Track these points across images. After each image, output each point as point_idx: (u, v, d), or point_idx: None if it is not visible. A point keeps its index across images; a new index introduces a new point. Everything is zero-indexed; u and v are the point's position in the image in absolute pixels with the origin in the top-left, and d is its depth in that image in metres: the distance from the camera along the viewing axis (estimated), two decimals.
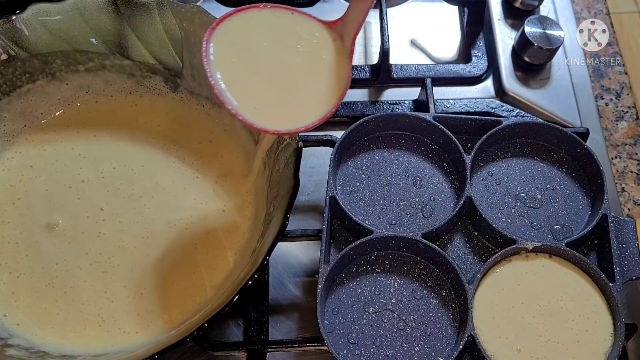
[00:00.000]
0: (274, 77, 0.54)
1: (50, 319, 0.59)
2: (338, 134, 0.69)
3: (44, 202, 0.64)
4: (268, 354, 0.62)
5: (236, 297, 0.50)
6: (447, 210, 0.64)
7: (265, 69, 0.54)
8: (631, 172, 0.74)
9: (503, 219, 0.64)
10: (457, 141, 0.65)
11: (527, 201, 0.65)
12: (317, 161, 0.73)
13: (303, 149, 0.56)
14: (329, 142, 0.69)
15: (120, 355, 0.54)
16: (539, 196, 0.66)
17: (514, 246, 0.60)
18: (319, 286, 0.57)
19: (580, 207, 0.65)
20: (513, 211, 0.65)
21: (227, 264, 0.62)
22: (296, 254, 0.68)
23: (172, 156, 0.67)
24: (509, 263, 0.60)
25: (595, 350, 0.56)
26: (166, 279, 0.61)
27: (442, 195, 0.65)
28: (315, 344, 0.61)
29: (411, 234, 0.60)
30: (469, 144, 0.67)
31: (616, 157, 0.71)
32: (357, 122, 0.66)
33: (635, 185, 0.73)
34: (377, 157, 0.67)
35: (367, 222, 0.62)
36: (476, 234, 0.64)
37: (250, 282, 0.50)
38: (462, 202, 0.62)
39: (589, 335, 0.57)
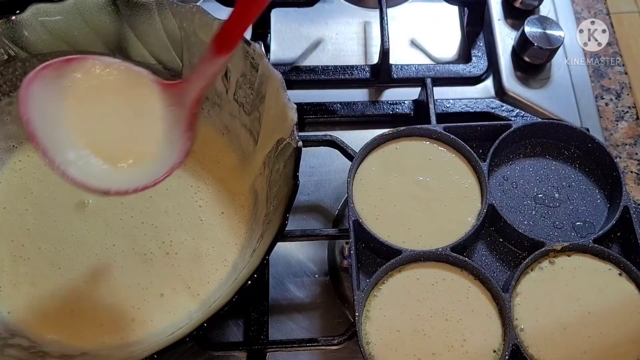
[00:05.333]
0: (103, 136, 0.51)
1: (51, 317, 0.59)
2: (338, 134, 0.69)
3: (42, 215, 0.64)
4: (268, 354, 0.62)
5: (236, 297, 0.50)
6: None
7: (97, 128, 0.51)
8: (631, 172, 0.74)
9: (525, 222, 0.64)
10: (471, 150, 0.65)
11: (546, 201, 0.66)
12: (317, 161, 0.73)
13: (303, 149, 0.56)
14: (329, 142, 0.69)
15: (120, 354, 0.54)
16: (556, 195, 0.66)
17: (542, 249, 0.60)
18: (356, 313, 0.57)
19: (598, 201, 0.66)
20: (534, 213, 0.65)
21: (227, 264, 0.62)
22: (296, 254, 0.68)
23: None
24: (539, 266, 0.61)
25: (636, 339, 0.57)
26: (166, 279, 0.61)
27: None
28: (315, 344, 0.61)
29: (440, 249, 0.60)
30: (480, 150, 0.67)
31: (616, 157, 0.71)
32: (369, 141, 0.66)
33: (635, 185, 0.73)
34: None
35: (391, 240, 0.61)
36: (501, 240, 0.64)
37: (250, 282, 0.50)
38: (484, 210, 0.62)
39: (627, 326, 0.57)
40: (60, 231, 0.63)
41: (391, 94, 0.79)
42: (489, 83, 0.80)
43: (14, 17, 0.61)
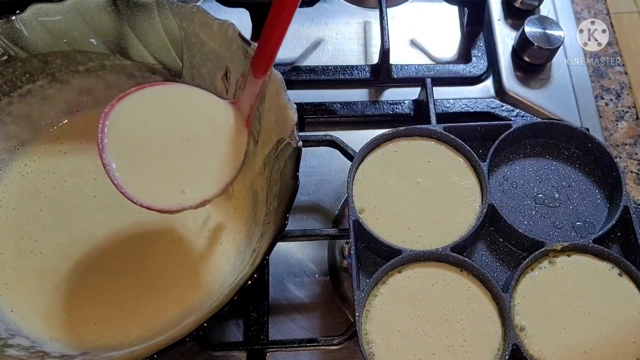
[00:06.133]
0: (166, 155, 0.57)
1: (52, 315, 0.59)
2: (338, 134, 0.70)
3: (49, 217, 0.64)
4: (268, 354, 0.62)
5: (236, 297, 0.50)
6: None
7: (158, 146, 0.57)
8: (631, 172, 0.74)
9: (525, 222, 0.64)
10: (471, 150, 0.65)
11: (546, 201, 0.66)
12: (317, 161, 0.73)
13: (303, 149, 0.56)
14: (329, 142, 0.69)
15: (121, 354, 0.54)
16: (556, 195, 0.66)
17: (542, 249, 0.60)
18: (356, 313, 0.57)
19: (598, 201, 0.66)
20: (534, 213, 0.65)
21: (227, 264, 0.62)
22: (296, 254, 0.68)
23: None
24: (539, 266, 0.61)
25: (636, 339, 0.57)
26: (167, 280, 0.61)
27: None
28: (315, 344, 0.61)
29: (440, 249, 0.60)
30: (480, 150, 0.67)
31: (616, 157, 0.71)
32: (369, 141, 0.66)
33: (635, 185, 0.73)
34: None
35: (392, 240, 0.61)
36: (501, 240, 0.64)
37: (250, 282, 0.50)
38: (484, 210, 0.62)
39: (627, 326, 0.57)
40: (78, 229, 0.63)
41: (391, 94, 0.79)
42: (489, 83, 0.80)
43: (14, 17, 0.61)
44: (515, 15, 0.83)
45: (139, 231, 0.63)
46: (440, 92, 0.77)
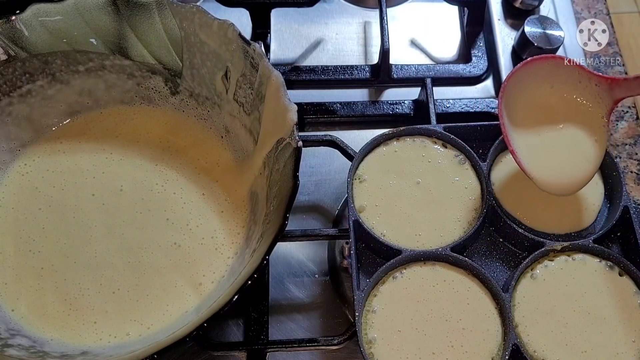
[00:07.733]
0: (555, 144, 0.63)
1: (52, 314, 0.59)
2: (338, 134, 0.70)
3: (48, 216, 0.64)
4: (268, 354, 0.62)
5: (236, 296, 0.50)
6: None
7: (547, 137, 0.63)
8: (631, 172, 0.74)
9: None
10: (471, 150, 0.65)
11: None
12: (317, 161, 0.73)
13: (303, 149, 0.56)
14: (329, 142, 0.69)
15: (121, 354, 0.54)
16: None
17: (542, 249, 0.60)
18: (356, 313, 0.57)
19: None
20: None
21: (227, 264, 0.62)
22: (296, 254, 0.68)
23: (171, 160, 0.67)
24: (539, 265, 0.61)
25: (636, 339, 0.57)
26: (166, 279, 0.61)
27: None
28: (315, 344, 0.61)
29: (440, 249, 0.60)
30: (480, 150, 0.67)
31: (616, 157, 0.71)
32: (369, 141, 0.66)
33: (635, 185, 0.73)
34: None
35: (391, 240, 0.61)
36: (501, 240, 0.64)
37: (250, 282, 0.50)
38: (484, 210, 0.62)
39: (626, 326, 0.58)
40: (76, 228, 0.63)
41: (391, 94, 0.79)
42: (489, 83, 0.80)
43: (14, 17, 0.61)
44: (515, 15, 0.83)
45: (138, 230, 0.63)
46: (440, 92, 0.77)
